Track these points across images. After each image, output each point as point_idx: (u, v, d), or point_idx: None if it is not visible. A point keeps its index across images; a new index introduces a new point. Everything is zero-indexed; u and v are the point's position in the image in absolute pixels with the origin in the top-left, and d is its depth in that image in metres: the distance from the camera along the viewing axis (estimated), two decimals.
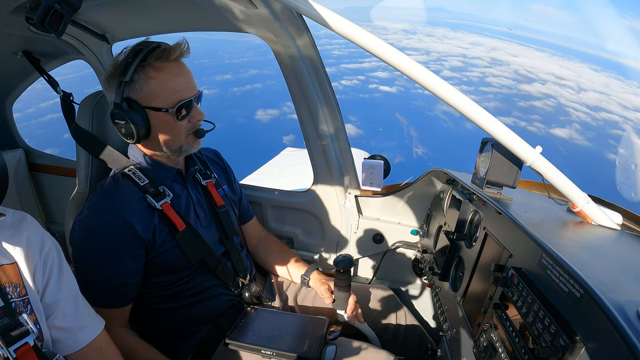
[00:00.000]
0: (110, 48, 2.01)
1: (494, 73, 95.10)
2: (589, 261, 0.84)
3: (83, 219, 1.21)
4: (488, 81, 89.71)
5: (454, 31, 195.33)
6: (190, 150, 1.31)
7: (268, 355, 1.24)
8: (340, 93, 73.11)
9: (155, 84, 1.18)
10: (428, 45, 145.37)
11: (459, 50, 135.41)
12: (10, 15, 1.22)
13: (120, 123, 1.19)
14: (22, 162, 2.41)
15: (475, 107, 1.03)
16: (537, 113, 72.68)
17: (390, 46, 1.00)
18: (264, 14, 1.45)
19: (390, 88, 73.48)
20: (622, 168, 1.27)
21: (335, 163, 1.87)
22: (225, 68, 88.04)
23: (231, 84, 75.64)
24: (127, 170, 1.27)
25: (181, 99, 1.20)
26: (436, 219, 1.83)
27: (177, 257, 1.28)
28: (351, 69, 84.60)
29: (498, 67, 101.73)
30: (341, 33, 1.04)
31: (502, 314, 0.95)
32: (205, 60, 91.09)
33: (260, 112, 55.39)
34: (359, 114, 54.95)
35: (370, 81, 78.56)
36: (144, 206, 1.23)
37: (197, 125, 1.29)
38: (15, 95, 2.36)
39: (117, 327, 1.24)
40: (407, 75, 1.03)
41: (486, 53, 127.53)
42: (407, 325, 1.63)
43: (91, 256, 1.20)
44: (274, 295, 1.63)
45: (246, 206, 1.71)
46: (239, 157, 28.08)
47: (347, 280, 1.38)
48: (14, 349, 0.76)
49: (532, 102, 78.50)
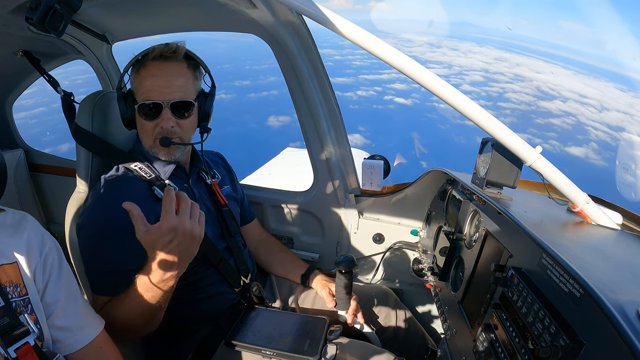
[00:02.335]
0: (110, 48, 2.01)
1: (515, 89, 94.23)
2: (589, 261, 0.84)
3: (88, 207, 1.22)
4: (507, 97, 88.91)
5: (480, 46, 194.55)
6: (160, 155, 1.31)
7: (268, 355, 1.24)
8: (354, 103, 73.13)
9: (137, 80, 1.26)
10: (451, 59, 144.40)
11: (482, 65, 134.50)
12: (10, 15, 1.22)
13: (120, 108, 1.28)
14: (22, 162, 2.41)
15: (475, 107, 1.03)
16: (554, 131, 71.21)
17: (384, 42, 1.01)
18: (264, 14, 1.45)
19: (406, 100, 73.27)
20: (622, 168, 1.27)
21: (335, 163, 1.87)
22: (245, 74, 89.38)
23: (248, 89, 76.80)
24: (134, 166, 1.29)
25: (147, 99, 1.23)
26: (436, 219, 1.83)
27: None
28: (369, 80, 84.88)
29: (520, 83, 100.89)
30: (340, 33, 1.04)
31: (502, 314, 0.95)
32: (227, 65, 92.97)
33: (272, 118, 56.15)
34: (369, 125, 54.97)
35: (387, 92, 78.67)
36: (148, 195, 1.25)
37: (165, 133, 1.27)
38: (15, 95, 2.36)
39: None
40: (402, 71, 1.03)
41: (509, 69, 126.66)
42: (407, 325, 1.63)
43: (98, 241, 1.20)
44: (274, 295, 1.63)
45: (248, 208, 1.72)
46: (242, 159, 28.29)
47: (349, 281, 1.38)
48: (15, 348, 0.76)
49: (551, 120, 77.26)
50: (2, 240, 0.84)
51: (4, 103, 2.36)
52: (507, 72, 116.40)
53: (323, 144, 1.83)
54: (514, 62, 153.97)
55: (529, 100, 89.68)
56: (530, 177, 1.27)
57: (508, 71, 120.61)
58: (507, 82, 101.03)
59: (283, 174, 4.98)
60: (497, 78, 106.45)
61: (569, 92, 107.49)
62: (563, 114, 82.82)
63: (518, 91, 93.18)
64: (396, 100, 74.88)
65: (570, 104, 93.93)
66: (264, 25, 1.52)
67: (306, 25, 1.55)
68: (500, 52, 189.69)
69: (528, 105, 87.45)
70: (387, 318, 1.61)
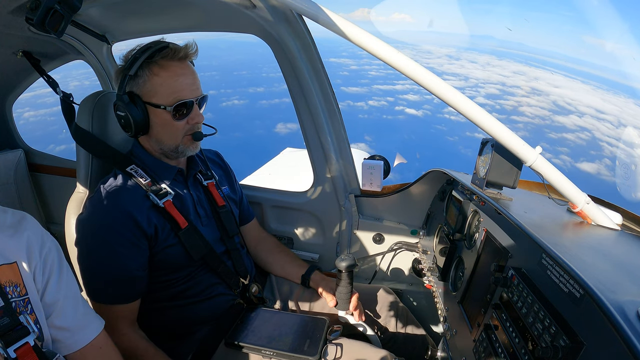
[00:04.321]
0: (110, 48, 2.01)
1: (531, 102, 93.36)
2: (589, 261, 0.84)
3: (86, 217, 1.22)
4: (522, 110, 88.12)
5: (499, 59, 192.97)
6: (187, 152, 1.32)
7: (268, 355, 1.24)
8: (363, 113, 73.40)
9: (157, 81, 1.21)
10: (469, 72, 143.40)
11: (499, 78, 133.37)
12: (10, 15, 1.22)
13: (120, 114, 1.23)
14: (22, 162, 2.41)
15: (475, 107, 1.03)
16: (567, 146, 70.26)
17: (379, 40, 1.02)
18: (264, 14, 1.45)
19: (417, 111, 73.03)
20: (622, 168, 1.27)
21: (335, 163, 1.87)
22: (260, 81, 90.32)
23: (261, 96, 77.89)
24: (129, 169, 1.28)
25: (180, 99, 1.22)
26: (436, 219, 1.83)
27: (179, 254, 1.29)
28: (382, 90, 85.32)
29: (536, 97, 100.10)
30: (341, 32, 1.04)
31: (502, 314, 0.95)
32: (245, 72, 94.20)
33: (280, 125, 56.65)
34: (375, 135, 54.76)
35: (398, 103, 78.60)
36: (146, 203, 1.24)
37: (196, 128, 1.29)
38: (16, 95, 2.36)
39: (126, 326, 1.23)
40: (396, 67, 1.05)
41: (527, 82, 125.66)
42: (407, 325, 1.63)
43: (97, 252, 1.20)
44: (274, 296, 1.63)
45: (246, 207, 1.72)
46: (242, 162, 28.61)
47: (349, 281, 1.38)
48: (14, 348, 0.76)
49: (564, 134, 76.34)
50: (1, 241, 0.84)
51: (4, 103, 2.36)
52: (525, 86, 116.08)
53: (323, 144, 1.83)
54: (532, 75, 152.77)
55: (544, 114, 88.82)
56: (530, 177, 1.28)
57: (525, 85, 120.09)
58: (523, 96, 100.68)
59: (283, 174, 4.97)
60: (513, 91, 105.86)
61: (586, 107, 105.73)
62: (578, 129, 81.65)
63: (534, 105, 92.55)
64: (407, 111, 74.91)
65: (586, 119, 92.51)
66: (264, 25, 1.52)
67: (306, 26, 1.55)
68: (519, 65, 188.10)
69: (542, 119, 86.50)
70: (387, 318, 1.61)
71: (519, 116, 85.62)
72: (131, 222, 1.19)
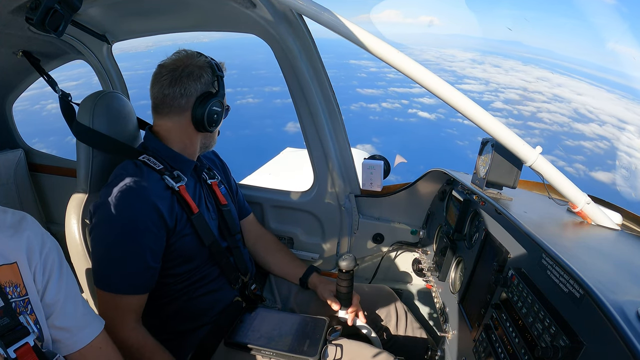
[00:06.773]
0: (110, 48, 2.01)
1: (551, 109, 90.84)
2: (589, 261, 0.84)
3: (107, 203, 1.18)
4: (540, 117, 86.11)
5: (524, 64, 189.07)
6: (211, 145, 1.47)
7: (268, 355, 1.24)
8: (375, 114, 72.69)
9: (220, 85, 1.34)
10: (490, 76, 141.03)
11: (521, 84, 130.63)
12: (10, 15, 1.22)
13: (216, 110, 1.33)
14: (22, 162, 2.41)
15: (475, 107, 1.03)
16: (583, 154, 67.44)
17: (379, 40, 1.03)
18: (264, 14, 1.45)
19: (430, 115, 72.15)
20: (622, 168, 1.27)
21: (335, 163, 1.87)
22: (277, 80, 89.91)
23: (276, 95, 77.31)
24: (142, 158, 1.29)
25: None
26: (436, 219, 1.83)
27: (193, 243, 1.30)
28: (398, 93, 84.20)
29: (557, 104, 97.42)
30: (341, 33, 1.04)
31: (502, 314, 0.95)
32: (263, 71, 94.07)
33: (290, 125, 56.35)
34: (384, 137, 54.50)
35: (412, 106, 77.74)
36: (162, 187, 1.25)
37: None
38: (16, 95, 2.36)
39: (134, 320, 1.22)
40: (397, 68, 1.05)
41: (549, 89, 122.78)
42: (407, 325, 1.63)
43: (117, 241, 1.18)
44: (274, 296, 1.63)
45: (242, 202, 1.73)
46: (243, 160, 28.30)
47: (350, 281, 1.38)
48: (14, 348, 0.76)
49: (582, 142, 73.65)
50: (1, 241, 0.84)
51: (4, 103, 2.36)
52: (547, 92, 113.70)
53: (323, 144, 1.83)
54: (555, 82, 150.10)
55: (563, 121, 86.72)
56: (530, 177, 1.28)
57: (548, 91, 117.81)
58: (544, 102, 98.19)
59: (283, 174, 4.97)
60: (534, 97, 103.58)
61: (608, 116, 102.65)
62: (597, 138, 78.83)
63: (554, 111, 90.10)
64: (420, 114, 74.06)
65: (607, 127, 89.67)
66: (264, 25, 1.52)
67: (306, 25, 1.55)
68: (544, 71, 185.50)
69: (561, 126, 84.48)
70: (387, 318, 1.61)
71: (537, 122, 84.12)
72: (154, 212, 1.19)
